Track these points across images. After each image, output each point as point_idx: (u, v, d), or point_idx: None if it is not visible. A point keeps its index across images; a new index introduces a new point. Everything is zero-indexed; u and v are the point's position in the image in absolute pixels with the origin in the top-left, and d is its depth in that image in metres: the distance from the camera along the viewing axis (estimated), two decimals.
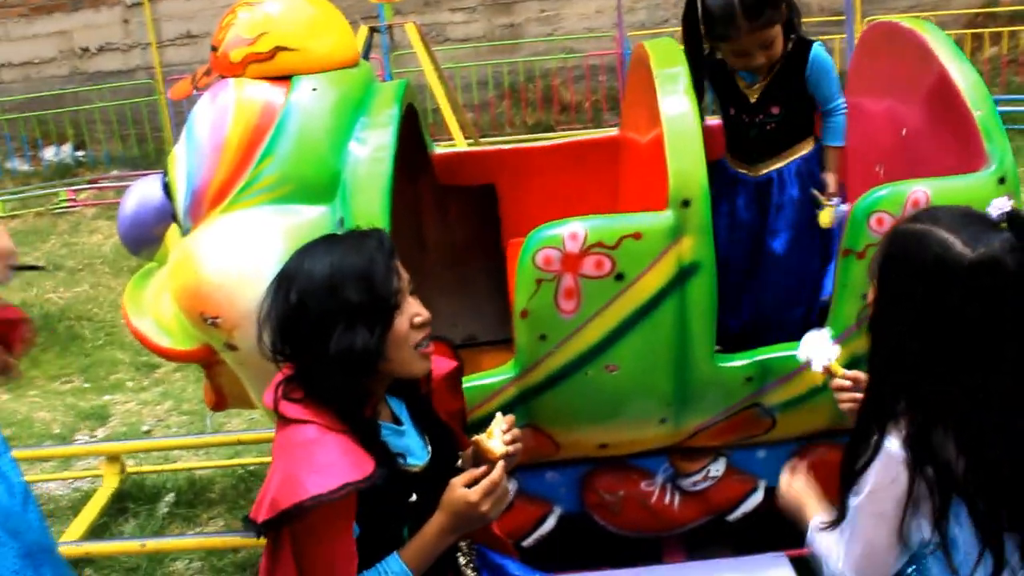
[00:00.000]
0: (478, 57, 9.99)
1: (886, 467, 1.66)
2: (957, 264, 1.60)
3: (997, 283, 1.58)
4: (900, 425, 1.67)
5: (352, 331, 1.90)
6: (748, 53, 2.72)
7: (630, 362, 2.53)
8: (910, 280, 1.65)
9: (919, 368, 1.64)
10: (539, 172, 3.52)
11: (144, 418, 4.70)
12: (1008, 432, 1.61)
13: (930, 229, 1.66)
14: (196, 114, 2.70)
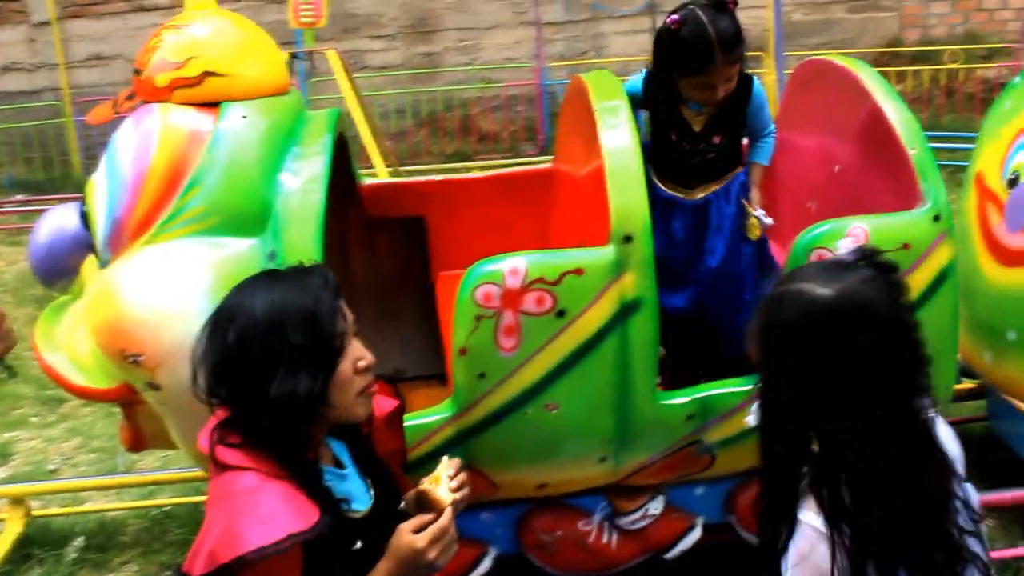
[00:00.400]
0: (396, 85, 9.93)
1: (803, 538, 1.63)
2: (821, 307, 1.61)
3: (861, 315, 1.61)
4: (809, 497, 1.64)
5: (295, 375, 1.80)
6: (714, 87, 2.72)
7: (571, 400, 2.48)
8: (785, 339, 1.65)
9: (813, 420, 1.64)
10: (469, 204, 3.46)
11: (50, 456, 4.48)
12: (905, 462, 1.62)
13: (788, 287, 1.68)
14: (118, 140, 2.57)
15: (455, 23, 10.20)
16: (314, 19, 6.13)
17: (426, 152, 9.76)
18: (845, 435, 1.62)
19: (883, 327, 1.61)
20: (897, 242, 2.52)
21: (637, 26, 10.32)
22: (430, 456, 2.48)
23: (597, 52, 10.30)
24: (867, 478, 1.60)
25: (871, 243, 2.50)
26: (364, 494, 2.06)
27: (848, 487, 1.60)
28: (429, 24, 10.19)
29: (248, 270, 2.40)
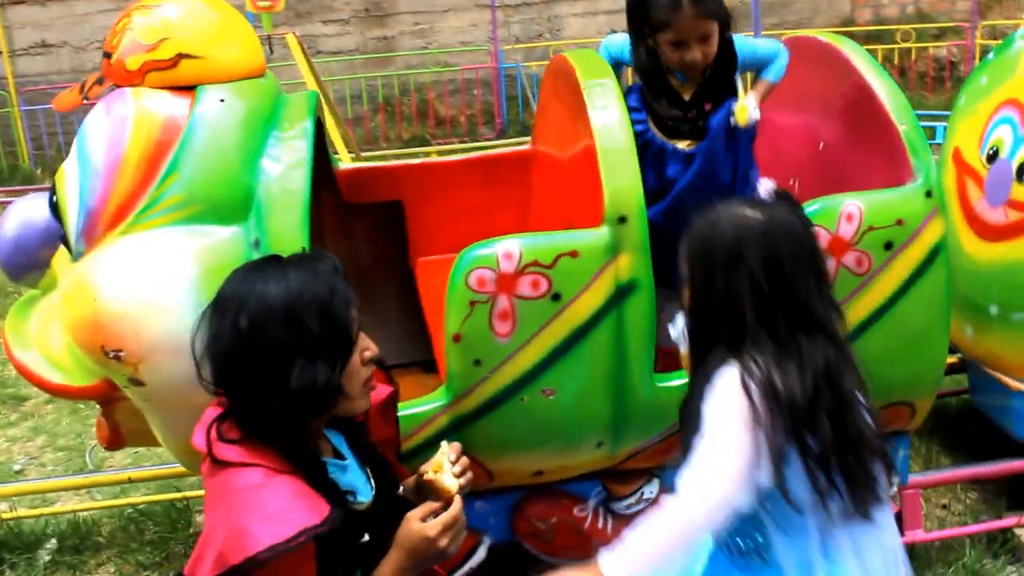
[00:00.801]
0: (351, 70, 9.79)
1: (725, 386, 1.82)
2: (757, 225, 1.87)
3: (787, 234, 1.88)
4: (732, 363, 1.85)
5: (313, 364, 1.74)
6: (686, 44, 2.65)
7: (567, 385, 2.43)
8: (717, 258, 1.87)
9: (741, 322, 1.85)
10: (448, 188, 3.39)
11: (14, 456, 4.34)
12: (822, 357, 1.84)
13: (718, 215, 1.91)
14: (89, 127, 2.47)
15: (409, 6, 10.08)
16: (271, 3, 6.00)
17: (383, 138, 9.66)
18: (770, 332, 1.84)
19: (803, 245, 1.90)
20: (891, 218, 2.51)
21: (593, 7, 10.29)
22: (424, 446, 2.42)
23: (553, 34, 10.24)
24: (793, 364, 1.82)
25: (866, 220, 2.49)
26: (365, 485, 2.00)
27: (777, 369, 1.81)
28: (383, 8, 10.06)
29: (233, 259, 2.33)
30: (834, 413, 1.83)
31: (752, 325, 1.84)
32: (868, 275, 2.51)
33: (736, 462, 1.79)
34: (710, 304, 1.90)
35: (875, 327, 2.56)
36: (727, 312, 1.86)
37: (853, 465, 1.84)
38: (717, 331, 1.89)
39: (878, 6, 10.86)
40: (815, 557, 1.89)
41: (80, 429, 4.52)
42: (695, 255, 1.92)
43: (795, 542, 1.89)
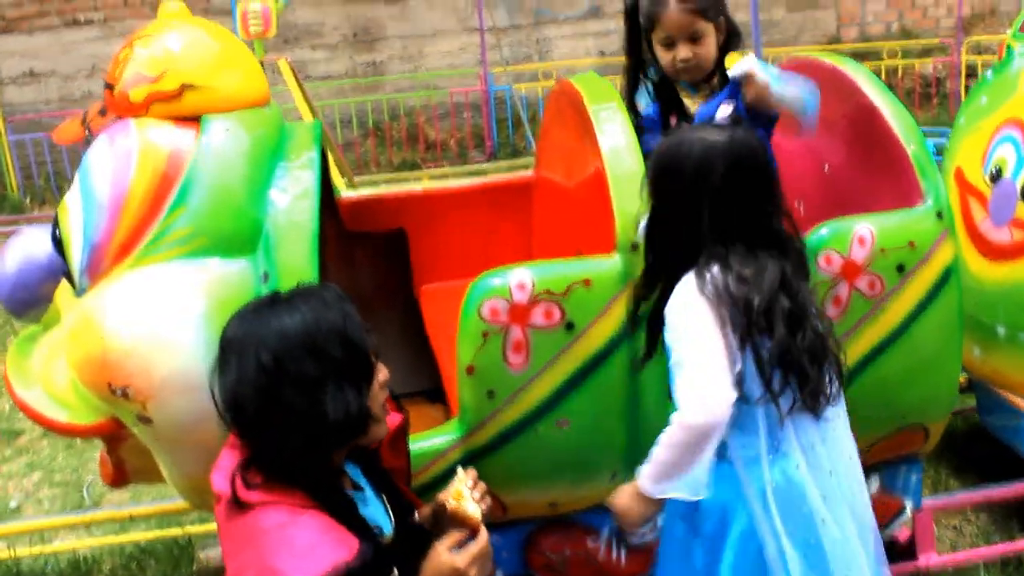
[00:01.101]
0: (340, 95, 9.77)
1: (683, 295, 1.97)
2: (720, 146, 1.99)
3: (748, 152, 2.01)
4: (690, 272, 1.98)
5: (342, 392, 1.73)
6: (674, 42, 2.64)
7: (582, 416, 2.40)
8: (683, 175, 1.99)
9: (700, 234, 1.97)
10: (450, 216, 3.37)
11: (10, 493, 4.27)
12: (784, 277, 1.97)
13: (684, 136, 2.05)
14: (92, 159, 2.43)
15: (398, 31, 10.08)
16: (263, 29, 5.98)
17: (374, 163, 9.63)
18: (728, 243, 1.96)
19: (761, 162, 2.04)
20: (903, 240, 2.49)
21: (581, 30, 10.32)
22: (438, 481, 2.38)
23: (542, 56, 10.25)
24: (750, 272, 1.95)
25: (878, 243, 2.48)
26: (384, 516, 1.98)
27: (733, 276, 1.94)
28: (371, 33, 10.05)
29: (241, 292, 2.30)
30: (789, 318, 1.95)
31: (711, 236, 1.96)
32: (881, 298, 2.50)
33: (717, 356, 1.93)
34: (673, 218, 2.02)
35: (889, 350, 2.54)
36: (689, 224, 1.97)
37: (806, 366, 1.97)
38: (677, 244, 2.01)
39: (863, 24, 10.92)
40: (762, 451, 2.00)
41: (76, 464, 4.45)
42: (662, 171, 2.05)
43: (745, 438, 2.01)
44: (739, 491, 2.02)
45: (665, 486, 1.98)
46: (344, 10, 9.93)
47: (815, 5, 10.74)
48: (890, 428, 2.65)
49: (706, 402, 1.92)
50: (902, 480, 2.90)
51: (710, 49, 2.68)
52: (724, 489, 2.01)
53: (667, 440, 1.97)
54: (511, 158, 9.35)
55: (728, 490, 2.02)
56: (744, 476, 2.01)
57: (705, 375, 1.92)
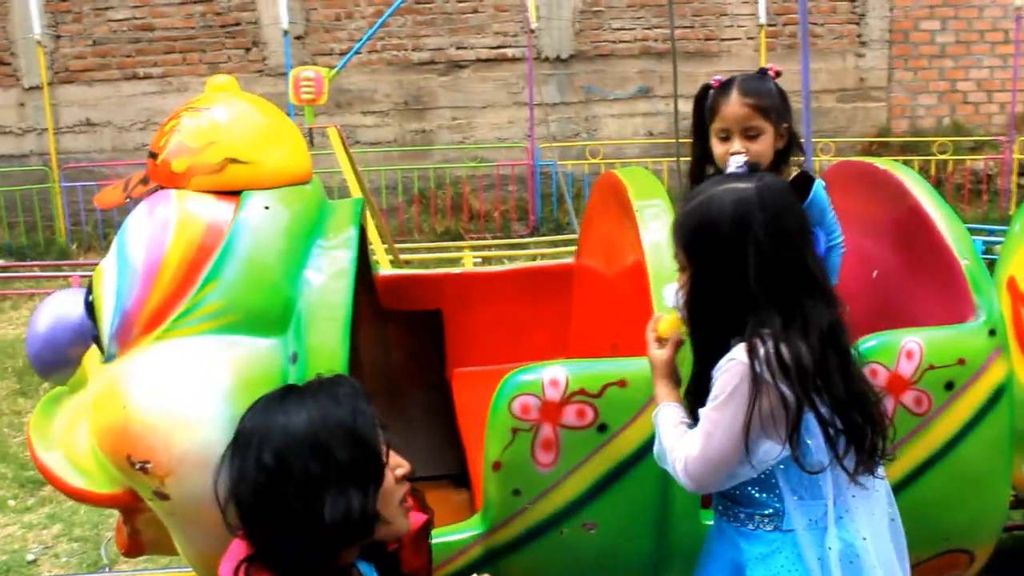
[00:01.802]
0: (388, 161, 9.86)
1: (732, 373, 1.85)
2: (752, 194, 1.89)
3: (782, 198, 1.93)
4: (738, 342, 1.87)
5: (345, 494, 1.66)
6: (729, 136, 2.61)
7: (610, 520, 2.32)
8: (721, 232, 1.88)
9: (747, 294, 1.86)
10: (488, 299, 3.33)
11: (29, 545, 4.23)
12: (830, 324, 1.89)
13: (711, 191, 1.94)
14: (130, 226, 2.42)
15: (448, 101, 10.18)
16: (315, 96, 6.04)
17: (417, 229, 9.66)
18: (775, 299, 1.86)
19: (796, 207, 1.97)
20: (953, 357, 2.40)
21: (630, 109, 10.36)
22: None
23: (590, 134, 10.30)
24: (798, 328, 1.85)
25: (927, 358, 2.39)
26: None
27: (785, 344, 1.83)
28: (423, 101, 10.17)
29: (268, 372, 2.26)
30: (840, 371, 1.88)
31: (758, 294, 1.85)
32: (928, 416, 2.41)
33: (733, 452, 1.86)
34: (715, 281, 1.90)
35: (933, 470, 2.45)
36: (733, 284, 1.87)
37: (859, 421, 1.89)
38: (721, 311, 1.90)
39: (914, 117, 10.87)
40: (829, 516, 1.93)
41: (97, 519, 4.40)
42: (697, 231, 1.93)
43: (808, 506, 1.94)
44: (794, 561, 1.94)
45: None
46: (396, 78, 10.07)
47: (866, 97, 10.71)
48: (932, 551, 2.54)
49: (701, 482, 1.91)
50: None
51: (766, 149, 2.64)
52: (777, 561, 1.94)
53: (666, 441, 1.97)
54: (554, 233, 9.35)
55: (781, 561, 1.94)
56: (804, 542, 1.93)
57: (715, 465, 1.89)
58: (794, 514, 1.93)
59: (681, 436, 1.94)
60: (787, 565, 1.92)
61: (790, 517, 1.94)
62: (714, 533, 2.10)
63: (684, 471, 1.90)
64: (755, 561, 1.95)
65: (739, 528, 1.99)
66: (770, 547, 1.94)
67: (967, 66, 10.66)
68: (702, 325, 1.97)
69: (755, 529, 1.97)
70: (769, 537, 1.95)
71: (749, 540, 1.97)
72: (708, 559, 2.08)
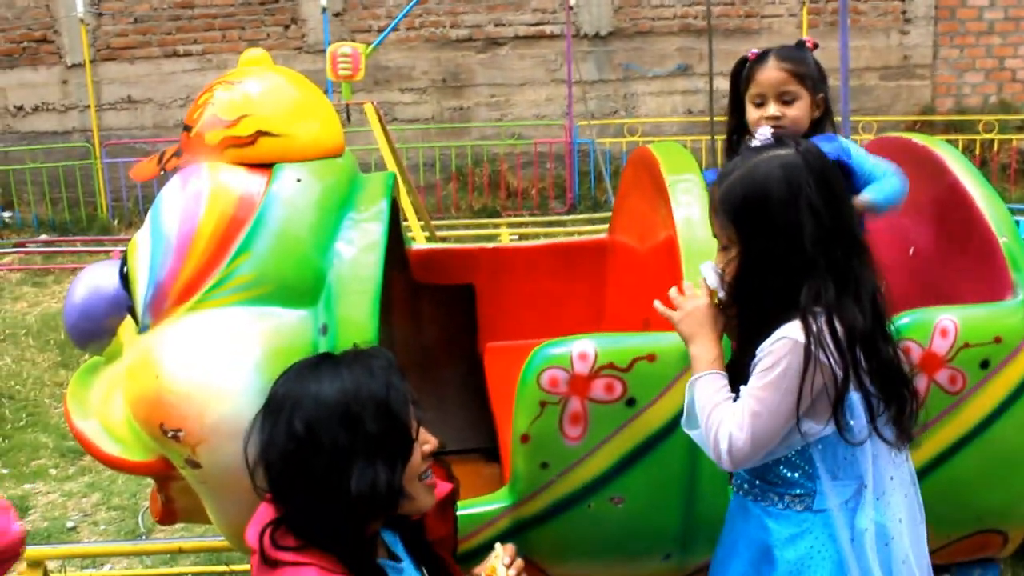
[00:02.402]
0: (426, 139, 9.87)
1: (784, 352, 1.81)
2: (795, 162, 1.85)
3: (823, 162, 1.89)
4: (793, 319, 1.82)
5: (372, 467, 1.67)
6: (764, 100, 2.60)
7: (638, 494, 2.32)
8: (772, 199, 1.83)
9: (801, 269, 1.82)
10: (521, 274, 3.33)
11: (68, 512, 4.31)
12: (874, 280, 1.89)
13: (754, 162, 1.88)
14: (164, 199, 2.45)
15: (487, 79, 10.16)
16: (351, 72, 6.04)
17: (454, 206, 9.67)
18: (830, 263, 1.82)
19: (835, 169, 1.91)
20: (989, 335, 2.37)
21: (669, 87, 10.27)
22: (483, 548, 2.30)
23: (628, 112, 10.23)
24: (851, 294, 1.83)
25: (962, 336, 2.36)
26: None
27: (838, 313, 1.80)
28: (461, 79, 10.15)
29: (298, 343, 2.28)
30: (884, 338, 1.87)
31: (815, 258, 1.81)
32: (962, 394, 2.37)
33: (778, 429, 1.83)
34: (767, 252, 1.84)
35: (967, 449, 2.41)
36: (786, 253, 1.82)
37: (901, 390, 1.88)
38: (773, 284, 1.85)
39: (960, 96, 10.68)
40: (866, 499, 1.90)
41: (135, 489, 4.48)
42: (745, 203, 1.87)
43: (842, 486, 1.91)
44: (824, 541, 1.91)
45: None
46: (435, 55, 10.05)
47: (911, 75, 10.54)
48: (965, 530, 2.51)
49: (743, 462, 1.88)
50: None
51: (802, 115, 2.61)
52: (806, 542, 1.92)
53: (706, 413, 1.90)
54: (591, 211, 9.32)
55: (811, 542, 1.92)
56: (838, 522, 1.90)
57: (761, 446, 1.85)
58: (829, 494, 1.90)
59: (723, 412, 1.87)
60: (817, 546, 1.90)
61: (823, 497, 1.91)
62: (736, 512, 2.07)
63: (728, 451, 1.85)
64: (784, 542, 1.92)
65: (767, 508, 1.97)
66: (800, 527, 1.92)
67: (1016, 43, 10.44)
68: (751, 303, 1.92)
69: (784, 509, 1.95)
70: (799, 517, 1.93)
71: (778, 520, 1.95)
72: (733, 540, 2.06)
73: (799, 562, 1.91)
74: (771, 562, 1.94)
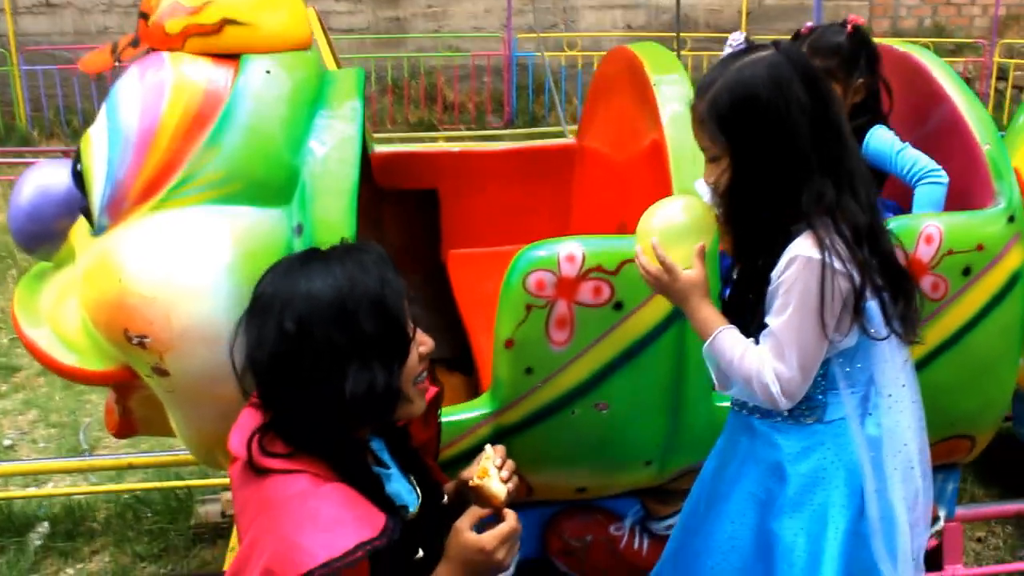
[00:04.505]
0: (361, 49, 9.58)
1: (803, 271, 1.73)
2: (779, 61, 1.77)
3: (805, 62, 1.80)
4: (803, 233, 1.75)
5: (368, 369, 1.58)
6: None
7: (622, 400, 2.28)
8: (762, 101, 1.74)
9: (797, 172, 1.75)
10: (486, 179, 3.23)
11: (5, 431, 4.14)
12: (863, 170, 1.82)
13: (734, 68, 1.79)
14: (120, 92, 2.28)
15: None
16: None
17: (390, 120, 9.46)
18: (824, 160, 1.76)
19: (817, 73, 1.81)
20: (972, 243, 2.36)
21: (609, 2, 10.11)
22: (464, 456, 2.26)
23: (568, 25, 10.06)
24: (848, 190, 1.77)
25: (946, 243, 2.34)
26: (411, 493, 1.85)
27: (839, 211, 1.75)
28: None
29: (272, 243, 2.17)
30: (881, 228, 1.84)
31: (811, 158, 1.74)
32: (944, 301, 2.37)
33: (818, 353, 1.78)
34: (761, 158, 1.76)
35: (945, 356, 2.42)
36: (781, 157, 1.74)
37: (907, 283, 1.85)
38: (769, 193, 1.77)
39: (896, 18, 10.72)
40: (880, 406, 1.87)
41: (74, 405, 4.33)
42: (735, 109, 1.76)
43: (855, 395, 1.87)
44: (837, 451, 1.87)
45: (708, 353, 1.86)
46: None
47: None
48: (938, 436, 2.51)
49: (797, 397, 1.80)
50: (938, 488, 2.78)
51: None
52: (819, 453, 1.87)
53: (742, 366, 1.80)
54: (529, 125, 9.19)
55: (823, 453, 1.88)
56: (854, 428, 1.86)
57: (809, 374, 1.79)
58: (847, 402, 1.86)
59: (756, 355, 1.79)
60: (829, 456, 1.87)
61: (835, 407, 1.87)
62: (737, 431, 2.00)
63: (781, 392, 1.77)
64: (796, 456, 1.88)
65: (775, 424, 1.91)
66: (811, 439, 1.88)
67: None
68: (747, 214, 1.83)
69: (794, 424, 1.90)
70: (809, 430, 1.89)
71: (787, 435, 1.90)
72: (737, 461, 1.99)
73: (812, 474, 1.88)
74: (782, 478, 1.89)
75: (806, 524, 1.86)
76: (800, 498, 1.88)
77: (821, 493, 1.87)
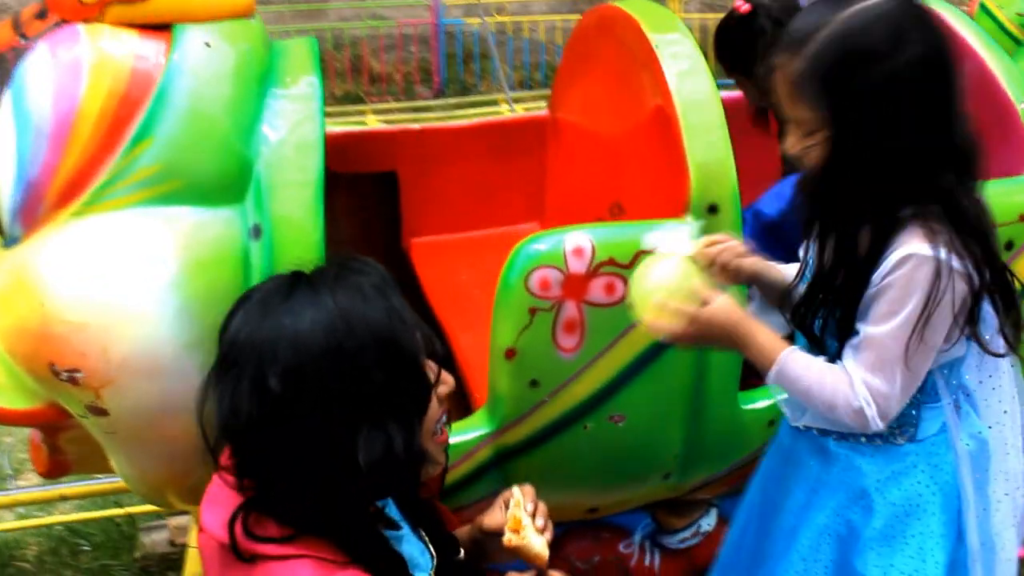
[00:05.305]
0: (281, 21, 9.10)
1: (915, 274, 1.46)
2: (902, 13, 1.46)
3: (926, 13, 1.50)
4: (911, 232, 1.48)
5: (382, 429, 1.24)
6: None
7: (640, 411, 1.99)
8: (878, 56, 1.44)
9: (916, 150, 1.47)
10: (449, 158, 2.90)
11: None
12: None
13: (837, 20, 1.46)
14: (28, 74, 1.90)
15: None
16: None
17: None
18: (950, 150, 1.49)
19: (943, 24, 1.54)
20: (1013, 214, 2.10)
21: None
22: (460, 485, 1.96)
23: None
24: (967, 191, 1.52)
25: None
26: (423, 554, 1.53)
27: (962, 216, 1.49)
28: None
29: (225, 250, 1.83)
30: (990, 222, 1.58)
31: (939, 133, 1.46)
32: None
33: (933, 347, 1.52)
34: (876, 130, 1.45)
35: None
36: (899, 130, 1.44)
37: (1011, 284, 1.60)
38: (878, 175, 1.47)
39: None
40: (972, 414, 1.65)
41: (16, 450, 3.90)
42: (841, 68, 1.45)
43: (948, 401, 1.63)
44: (932, 473, 1.63)
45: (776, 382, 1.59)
46: None
47: None
48: None
49: (892, 409, 1.54)
50: None
51: None
52: (914, 476, 1.63)
53: (817, 389, 1.54)
54: (459, 95, 8.86)
55: (918, 476, 1.63)
56: (955, 439, 1.62)
57: (908, 384, 1.53)
58: (948, 417, 1.62)
59: (843, 377, 1.53)
60: (924, 480, 1.62)
61: (930, 423, 1.62)
62: (802, 454, 1.73)
63: (877, 415, 1.51)
64: (884, 482, 1.63)
65: (855, 446, 1.65)
66: (902, 462, 1.63)
67: None
68: (840, 206, 1.53)
69: (881, 444, 1.63)
70: (900, 451, 1.63)
71: (873, 458, 1.64)
72: (807, 489, 1.72)
73: (905, 503, 1.62)
74: (868, 508, 1.63)
75: (899, 561, 1.60)
76: (891, 531, 1.61)
77: (916, 524, 1.61)
